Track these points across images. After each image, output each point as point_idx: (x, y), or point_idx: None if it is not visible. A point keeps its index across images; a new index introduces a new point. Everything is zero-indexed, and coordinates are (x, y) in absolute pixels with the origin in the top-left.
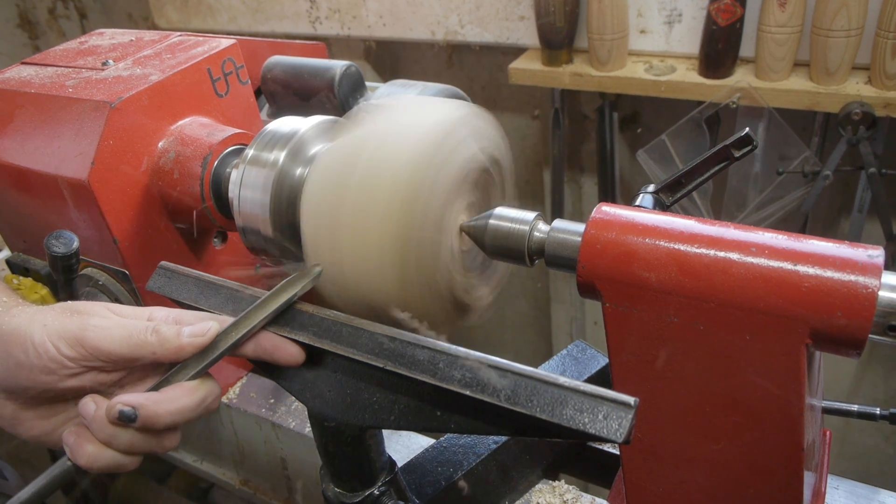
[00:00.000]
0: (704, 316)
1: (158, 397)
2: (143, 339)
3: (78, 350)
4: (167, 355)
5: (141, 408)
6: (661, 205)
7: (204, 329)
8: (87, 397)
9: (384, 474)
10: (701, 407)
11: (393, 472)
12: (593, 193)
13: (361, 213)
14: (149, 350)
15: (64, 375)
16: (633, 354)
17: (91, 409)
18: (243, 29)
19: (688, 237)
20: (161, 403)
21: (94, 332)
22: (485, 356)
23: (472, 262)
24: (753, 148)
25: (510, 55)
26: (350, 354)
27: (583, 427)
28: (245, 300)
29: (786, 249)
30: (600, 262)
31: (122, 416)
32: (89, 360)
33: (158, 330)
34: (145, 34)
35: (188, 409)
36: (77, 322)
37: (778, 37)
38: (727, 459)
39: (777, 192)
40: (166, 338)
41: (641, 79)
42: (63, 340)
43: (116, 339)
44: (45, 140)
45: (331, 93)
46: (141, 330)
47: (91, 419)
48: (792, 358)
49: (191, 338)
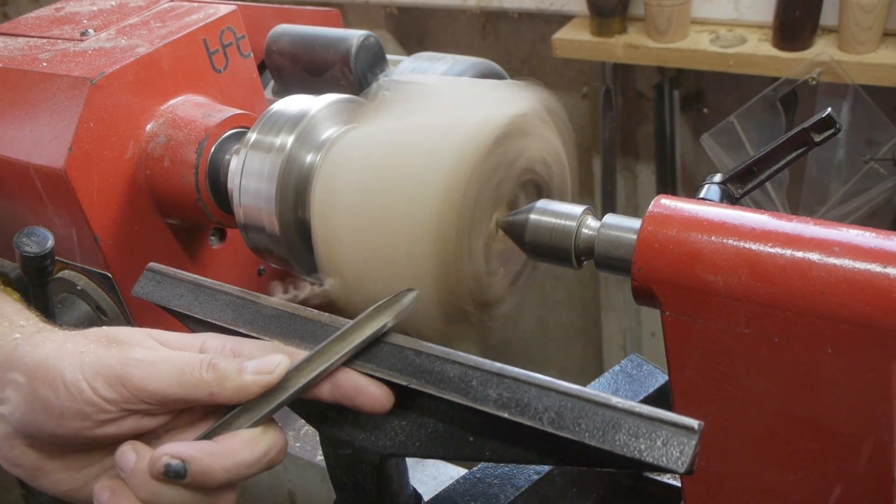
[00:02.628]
0: (780, 326)
1: (214, 448)
2: (199, 376)
3: (119, 391)
4: (226, 396)
5: (192, 462)
6: (729, 197)
7: (272, 365)
8: (126, 444)
9: None
10: (775, 432)
11: None
12: (650, 184)
13: (398, 212)
14: (205, 390)
15: (100, 421)
16: (697, 371)
17: (131, 461)
18: None
19: (760, 235)
20: (216, 457)
21: (138, 369)
22: (525, 373)
23: (503, 263)
24: (837, 131)
25: (554, 24)
26: (368, 371)
27: (638, 455)
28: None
29: (874, 249)
30: (659, 264)
31: (170, 470)
32: (132, 402)
33: (216, 365)
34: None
35: (248, 463)
36: (117, 355)
37: (865, 2)
38: (806, 492)
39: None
40: (226, 375)
41: (706, 51)
42: (101, 378)
43: (165, 376)
44: (14, 123)
45: (346, 67)
46: (195, 365)
47: (131, 472)
48: (881, 375)
49: (256, 375)
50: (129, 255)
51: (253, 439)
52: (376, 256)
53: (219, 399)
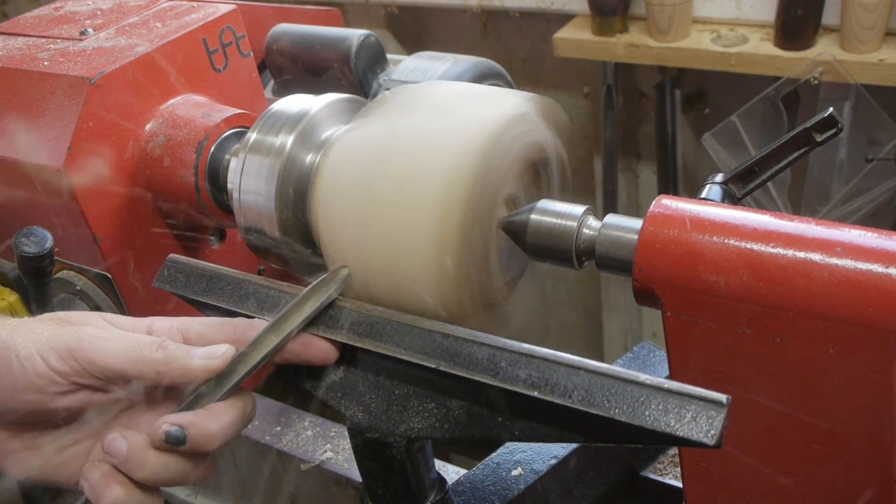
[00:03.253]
0: (781, 327)
1: (205, 412)
2: (148, 354)
3: (70, 363)
4: (173, 376)
5: (190, 426)
6: (730, 197)
7: (217, 352)
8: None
9: (434, 493)
10: (777, 432)
11: (444, 490)
12: (652, 184)
13: (400, 210)
14: (153, 369)
15: (53, 393)
16: (698, 371)
17: (122, 447)
18: None
19: (762, 235)
20: (210, 418)
21: (89, 344)
22: (553, 353)
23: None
24: (839, 131)
25: (555, 23)
26: (397, 354)
27: (669, 429)
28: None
29: (876, 249)
30: (660, 264)
31: (170, 437)
32: (83, 375)
33: (166, 347)
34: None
35: (237, 421)
36: (70, 332)
37: (867, 1)
38: (807, 494)
39: (866, 182)
40: (174, 356)
41: (708, 50)
42: (53, 352)
43: (116, 352)
44: (14, 122)
45: (346, 67)
46: (145, 344)
47: (126, 457)
48: (882, 375)
49: (203, 360)
50: (129, 255)
51: (232, 401)
52: (379, 257)
53: (165, 378)
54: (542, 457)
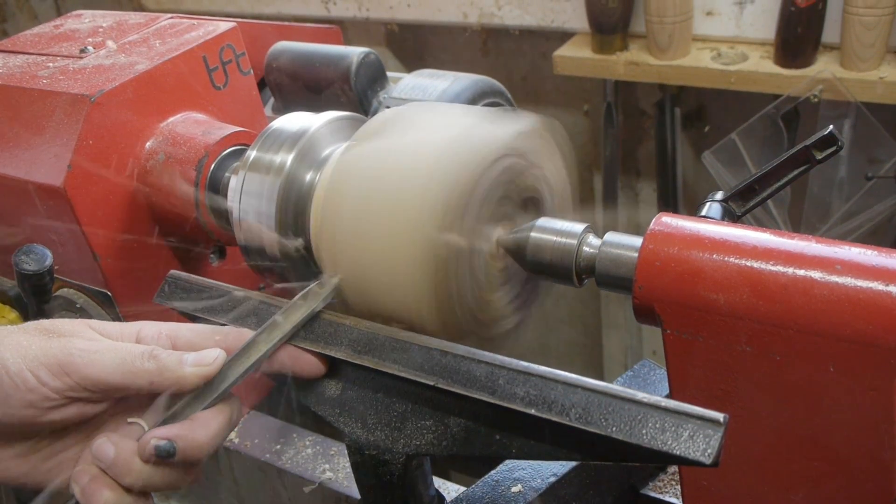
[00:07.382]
0: (781, 344)
1: (191, 424)
2: (140, 366)
3: (63, 380)
4: (166, 385)
5: (179, 438)
6: (730, 215)
7: (209, 358)
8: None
9: None
10: (777, 450)
11: None
12: (652, 202)
13: (392, 225)
14: (146, 379)
15: (45, 408)
16: (698, 389)
17: (110, 453)
18: (244, 11)
19: (762, 253)
20: (198, 429)
21: (81, 359)
22: (551, 370)
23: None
24: (838, 149)
25: (555, 41)
26: (395, 371)
27: (666, 448)
28: None
29: (876, 267)
30: (660, 282)
31: (160, 451)
32: (76, 390)
33: (157, 356)
34: (130, 16)
35: (224, 428)
36: (59, 346)
37: (867, 19)
38: None
39: (866, 200)
40: (166, 366)
41: (708, 68)
42: (44, 368)
43: (108, 365)
44: (13, 140)
45: (346, 84)
46: (136, 355)
47: (112, 463)
48: (882, 393)
49: (195, 367)
50: (129, 272)
51: (219, 408)
52: (377, 275)
53: (158, 388)
54: (541, 474)
